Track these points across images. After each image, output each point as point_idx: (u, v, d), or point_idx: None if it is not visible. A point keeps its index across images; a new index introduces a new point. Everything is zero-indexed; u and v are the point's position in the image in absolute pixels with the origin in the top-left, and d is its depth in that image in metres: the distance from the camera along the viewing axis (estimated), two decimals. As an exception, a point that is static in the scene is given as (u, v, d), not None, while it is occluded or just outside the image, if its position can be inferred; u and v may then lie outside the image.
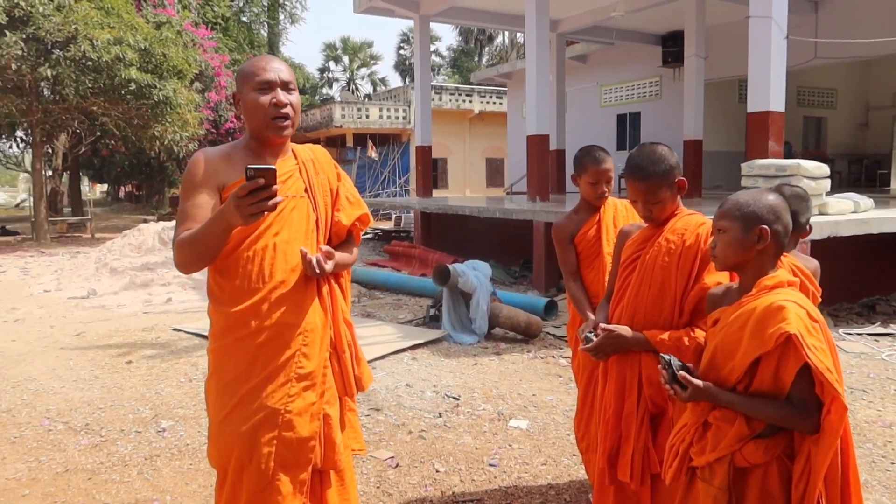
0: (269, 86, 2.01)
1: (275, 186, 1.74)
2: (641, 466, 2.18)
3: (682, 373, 1.77)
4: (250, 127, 2.07)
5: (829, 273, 7.36)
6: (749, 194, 1.84)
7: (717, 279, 2.09)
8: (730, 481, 1.76)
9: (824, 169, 6.71)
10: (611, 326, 2.21)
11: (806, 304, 1.72)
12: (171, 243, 2.03)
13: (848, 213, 6.91)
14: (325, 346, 2.09)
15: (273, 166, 1.77)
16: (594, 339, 2.22)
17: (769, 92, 7.62)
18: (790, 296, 1.73)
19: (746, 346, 1.71)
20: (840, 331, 6.20)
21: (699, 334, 2.11)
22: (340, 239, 2.20)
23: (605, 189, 2.88)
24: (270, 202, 1.74)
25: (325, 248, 2.05)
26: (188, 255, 1.93)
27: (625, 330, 2.19)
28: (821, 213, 6.76)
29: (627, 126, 17.86)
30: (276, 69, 2.03)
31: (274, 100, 2.00)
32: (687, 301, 2.14)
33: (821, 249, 6.45)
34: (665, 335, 2.14)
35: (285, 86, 2.03)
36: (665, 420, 2.19)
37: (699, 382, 1.76)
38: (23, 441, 4.00)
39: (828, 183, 6.79)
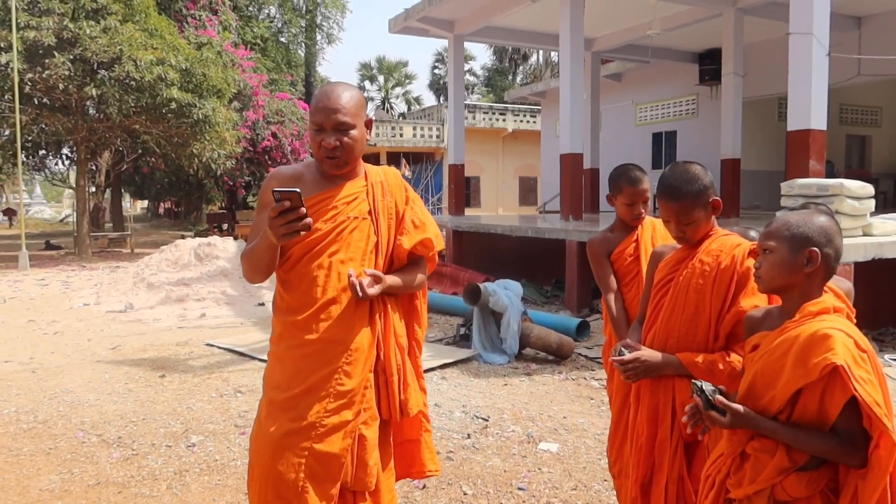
0: (321, 127, 2.07)
1: (301, 209, 1.85)
2: (676, 496, 2.10)
3: (719, 397, 1.69)
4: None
5: (874, 296, 7.16)
6: (798, 214, 1.75)
7: (755, 302, 2.01)
8: (770, 515, 1.68)
9: (868, 189, 6.51)
10: (638, 354, 2.13)
11: (853, 333, 1.63)
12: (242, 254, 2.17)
13: (893, 235, 6.69)
14: (369, 367, 2.10)
15: (297, 189, 1.86)
16: (626, 354, 2.15)
17: (810, 110, 7.45)
18: (837, 323, 1.64)
19: (789, 375, 1.62)
20: (886, 356, 5.98)
21: (734, 359, 2.03)
22: (401, 262, 2.22)
23: (642, 210, 2.82)
24: (301, 224, 1.87)
25: (372, 271, 2.08)
26: (246, 266, 2.11)
27: (652, 355, 2.12)
28: (865, 235, 6.55)
29: (663, 145, 17.67)
30: (328, 110, 2.05)
31: (323, 143, 2.07)
32: (722, 325, 2.06)
33: (865, 272, 6.25)
34: (699, 358, 2.07)
35: (338, 127, 2.06)
36: (701, 448, 2.11)
37: (739, 407, 1.67)
38: (57, 452, 4.05)
39: (872, 203, 6.59)
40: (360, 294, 2.01)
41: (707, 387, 1.72)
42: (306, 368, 2.06)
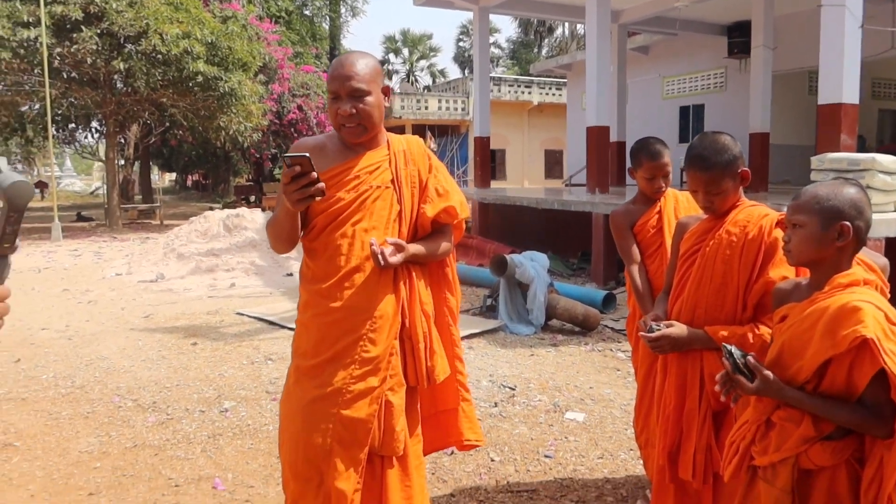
0: (336, 95, 2.08)
1: (313, 173, 1.85)
2: (704, 465, 2.12)
3: (750, 359, 1.69)
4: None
5: (906, 271, 6.96)
6: (828, 186, 1.73)
7: (783, 272, 2.01)
8: (794, 483, 1.68)
9: (902, 163, 6.37)
10: (666, 331, 2.14)
11: (884, 306, 1.62)
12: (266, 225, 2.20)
13: (927, 210, 6.55)
14: (394, 334, 2.12)
15: (306, 154, 1.85)
16: (657, 328, 2.16)
17: (842, 83, 7.28)
18: (866, 296, 1.63)
19: (817, 346, 1.63)
20: (916, 333, 5.90)
21: (764, 331, 2.04)
22: (425, 231, 2.22)
23: (663, 184, 2.81)
24: (314, 189, 1.87)
25: (394, 240, 2.08)
26: (270, 236, 2.14)
27: (680, 332, 2.13)
28: (897, 210, 6.43)
29: (691, 118, 17.38)
30: (343, 77, 2.06)
31: (339, 111, 2.07)
32: (750, 295, 2.07)
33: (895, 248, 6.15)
34: (728, 331, 2.07)
35: (353, 94, 2.06)
36: (729, 417, 2.12)
37: (768, 374, 1.68)
38: (95, 416, 4.19)
39: (906, 178, 6.45)
40: (382, 263, 2.02)
41: (737, 351, 1.73)
42: (331, 336, 2.09)
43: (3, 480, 3.32)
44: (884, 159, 6.31)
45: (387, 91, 2.16)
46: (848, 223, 1.67)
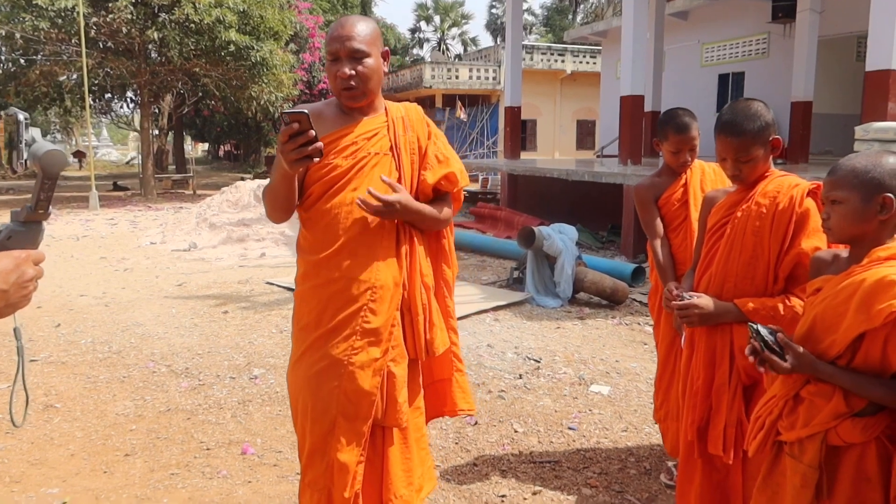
0: (335, 57, 2.04)
1: (311, 131, 1.80)
2: (735, 439, 2.09)
3: (781, 335, 1.65)
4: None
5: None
6: (865, 158, 1.66)
7: (815, 243, 1.96)
8: (821, 459, 1.66)
9: (951, 133, 6.14)
10: (695, 300, 2.10)
11: None
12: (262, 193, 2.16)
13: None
14: (395, 305, 2.09)
15: (305, 110, 1.80)
16: (687, 297, 2.11)
17: (892, 48, 7.00)
18: None
19: (851, 320, 1.58)
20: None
21: (795, 303, 1.99)
22: (427, 198, 2.18)
23: (688, 157, 2.74)
24: (311, 148, 1.81)
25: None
26: (266, 203, 2.10)
27: (706, 302, 2.09)
28: (943, 182, 6.21)
29: (730, 87, 16.91)
30: (342, 38, 2.02)
31: (338, 72, 2.02)
32: (781, 267, 2.02)
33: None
34: (756, 303, 2.03)
35: (352, 55, 2.02)
36: (759, 391, 2.07)
37: (800, 349, 1.65)
38: (130, 381, 4.31)
39: (954, 148, 6.22)
40: (365, 207, 1.96)
41: (763, 329, 1.69)
42: (332, 307, 2.06)
43: (45, 440, 3.44)
44: (931, 129, 6.09)
45: (386, 55, 2.12)
46: (891, 195, 1.61)
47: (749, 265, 2.06)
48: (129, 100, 22.54)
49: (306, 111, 1.80)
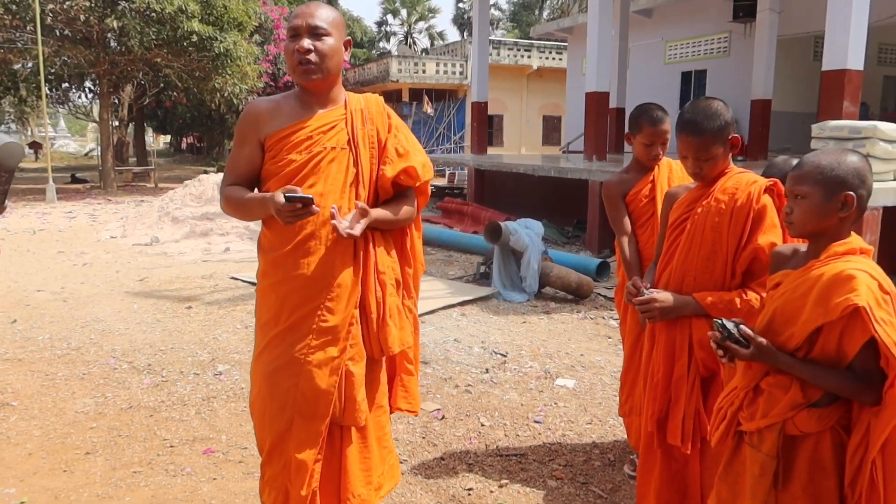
0: (296, 32, 2.01)
1: (313, 207, 1.88)
2: (692, 430, 2.15)
3: (744, 328, 1.69)
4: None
5: (903, 242, 6.98)
6: (830, 155, 1.70)
7: (771, 239, 2.02)
8: (779, 448, 1.71)
9: (902, 132, 6.33)
10: (655, 294, 2.14)
11: (878, 275, 1.62)
12: (220, 187, 2.13)
13: (926, 180, 6.53)
14: (353, 303, 2.07)
15: (310, 196, 1.86)
16: (647, 292, 2.16)
17: (847, 49, 7.19)
18: (861, 264, 1.63)
19: (810, 313, 1.63)
20: (908, 302, 5.93)
21: (752, 296, 2.05)
22: (387, 193, 2.14)
23: (660, 151, 2.78)
24: (307, 209, 1.89)
25: (360, 204, 2.01)
26: (235, 214, 2.13)
27: (666, 297, 2.13)
28: None
29: (693, 84, 17.17)
30: (305, 14, 2.00)
31: (297, 46, 1.99)
32: (739, 262, 2.08)
33: (894, 217, 6.15)
34: (714, 297, 2.08)
35: (312, 31, 1.99)
36: (716, 383, 2.14)
37: (763, 340, 1.69)
38: (91, 378, 4.22)
39: (905, 147, 6.41)
40: (344, 235, 1.95)
41: (729, 323, 1.73)
42: (289, 305, 2.04)
43: (2, 439, 3.35)
44: (885, 127, 6.26)
45: (348, 44, 2.10)
46: (852, 193, 1.65)
47: (708, 260, 2.11)
48: (87, 90, 21.96)
49: (311, 197, 1.87)
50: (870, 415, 1.62)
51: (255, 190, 2.11)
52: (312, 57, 1.99)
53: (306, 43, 1.98)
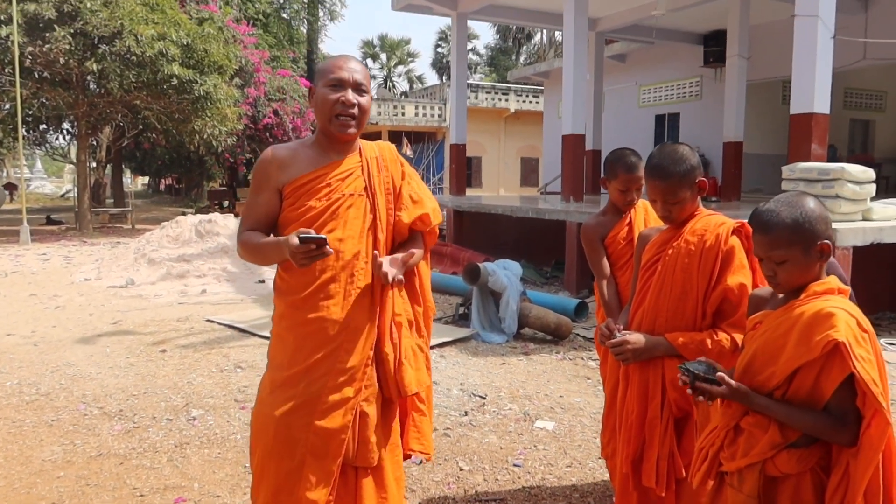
0: (340, 84, 2.08)
1: (326, 247, 1.93)
2: (667, 471, 2.14)
3: (720, 374, 1.70)
4: (319, 122, 2.15)
5: (872, 281, 7.16)
6: (790, 209, 1.70)
7: (740, 280, 2.07)
8: (760, 489, 1.71)
9: (869, 173, 6.51)
10: (626, 335, 2.17)
11: (856, 313, 1.65)
12: (237, 232, 2.20)
13: (893, 220, 6.69)
14: (370, 344, 2.11)
15: (324, 236, 1.91)
16: (619, 335, 2.18)
17: (814, 93, 7.42)
18: (840, 303, 1.66)
19: (791, 352, 1.65)
20: (882, 340, 6.01)
21: (722, 337, 2.09)
22: (402, 237, 2.23)
23: (635, 196, 2.83)
24: (321, 251, 1.94)
25: (413, 251, 2.11)
26: (251, 259, 2.18)
27: (638, 338, 2.15)
28: (865, 219, 6.56)
29: (666, 127, 17.59)
30: (351, 69, 2.09)
31: (343, 98, 2.07)
32: (709, 303, 2.11)
33: (863, 256, 6.27)
34: (687, 338, 2.11)
35: (357, 86, 2.08)
36: (690, 424, 2.16)
37: (733, 383, 1.70)
38: (59, 424, 4.10)
39: (873, 188, 6.58)
40: (391, 281, 2.03)
41: (692, 365, 1.75)
42: (307, 347, 2.08)
43: (-39, 491, 3.23)
44: (853, 169, 6.44)
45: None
46: (827, 241, 1.69)
47: (679, 301, 2.15)
48: (65, 131, 21.88)
49: (325, 237, 1.92)
50: (848, 456, 1.63)
51: (271, 235, 2.15)
52: (355, 111, 2.09)
53: (353, 96, 2.07)
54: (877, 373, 1.59)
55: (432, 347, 5.90)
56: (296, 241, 1.90)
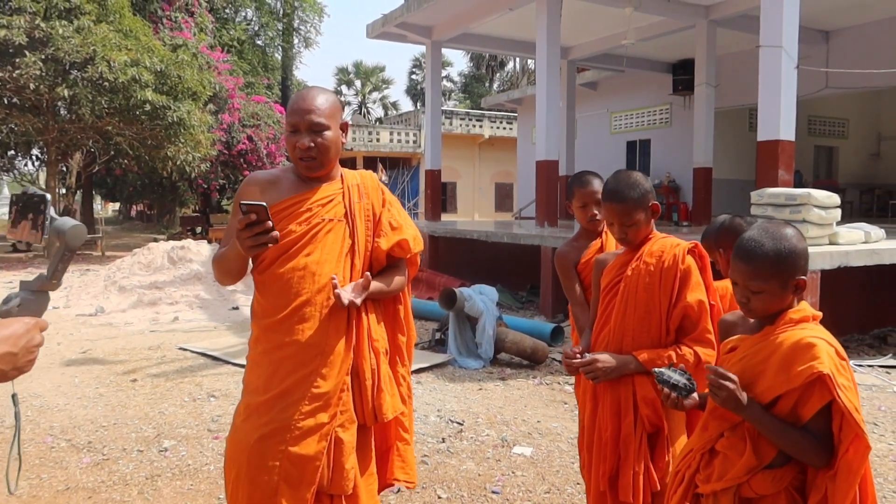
0: (295, 128, 2.10)
1: (268, 222, 1.89)
2: (643, 484, 2.19)
3: (721, 370, 1.68)
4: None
5: (840, 304, 7.32)
6: (773, 241, 1.71)
7: (698, 297, 2.18)
8: (735, 512, 1.72)
9: (835, 199, 6.67)
10: (597, 355, 2.22)
11: (833, 342, 1.67)
12: (213, 257, 2.19)
13: (859, 244, 6.86)
14: (345, 370, 2.10)
15: (263, 203, 1.89)
16: (588, 356, 2.23)
17: (779, 121, 7.62)
18: (818, 332, 1.69)
19: (772, 380, 1.67)
20: (851, 363, 6.10)
21: (686, 351, 2.17)
22: (381, 264, 2.23)
23: (595, 211, 2.88)
24: (268, 237, 1.90)
25: (368, 276, 2.09)
26: (217, 270, 2.16)
27: (607, 357, 2.21)
28: (831, 243, 6.71)
29: (637, 153, 17.89)
30: (303, 111, 2.08)
31: (297, 143, 2.09)
32: (672, 320, 2.21)
33: (831, 280, 6.40)
34: (653, 353, 2.18)
35: (312, 128, 2.08)
36: (661, 438, 2.23)
37: (735, 377, 1.66)
38: (25, 458, 3.98)
39: (838, 213, 6.75)
40: (345, 303, 2.02)
41: (666, 371, 1.78)
42: (282, 371, 2.06)
43: (-80, 530, 3.12)
44: (819, 194, 6.60)
45: (345, 127, 2.20)
46: (804, 278, 1.73)
47: (644, 319, 2.23)
48: (34, 157, 21.57)
49: (264, 203, 1.89)
50: (826, 479, 1.64)
51: (250, 262, 2.14)
52: (314, 154, 2.10)
53: (306, 141, 2.08)
54: (858, 400, 1.62)
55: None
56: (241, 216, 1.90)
